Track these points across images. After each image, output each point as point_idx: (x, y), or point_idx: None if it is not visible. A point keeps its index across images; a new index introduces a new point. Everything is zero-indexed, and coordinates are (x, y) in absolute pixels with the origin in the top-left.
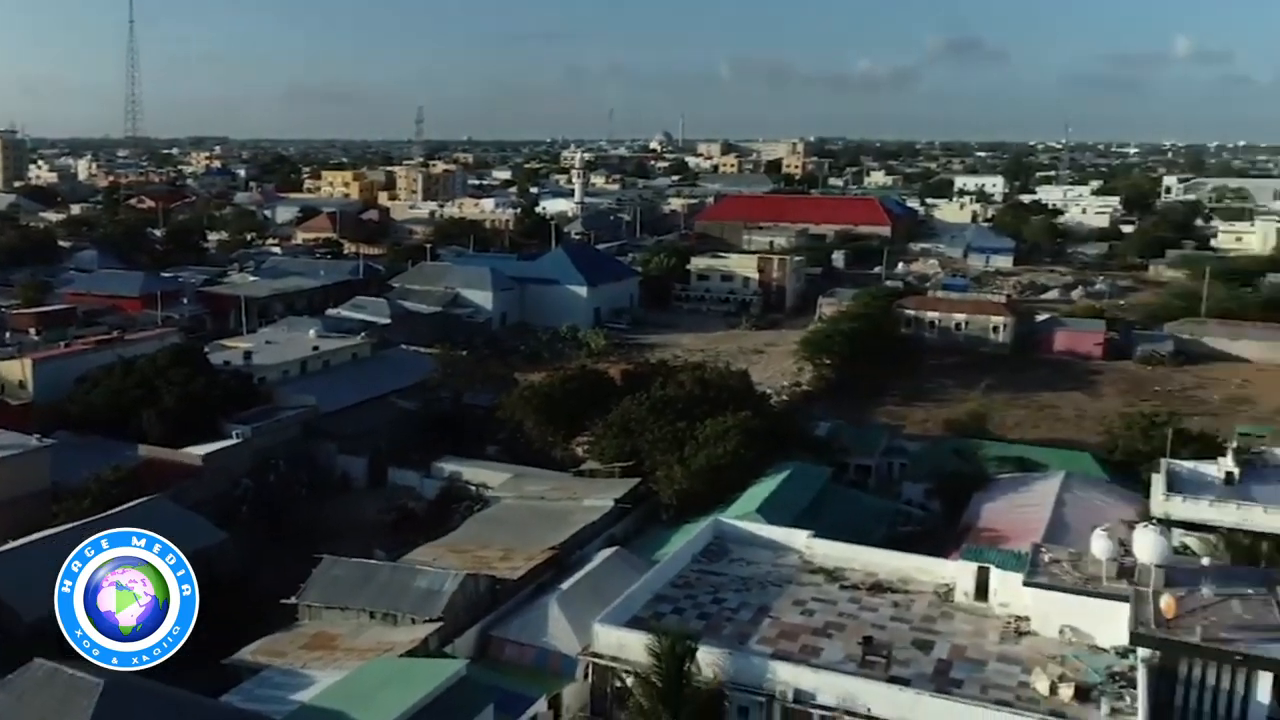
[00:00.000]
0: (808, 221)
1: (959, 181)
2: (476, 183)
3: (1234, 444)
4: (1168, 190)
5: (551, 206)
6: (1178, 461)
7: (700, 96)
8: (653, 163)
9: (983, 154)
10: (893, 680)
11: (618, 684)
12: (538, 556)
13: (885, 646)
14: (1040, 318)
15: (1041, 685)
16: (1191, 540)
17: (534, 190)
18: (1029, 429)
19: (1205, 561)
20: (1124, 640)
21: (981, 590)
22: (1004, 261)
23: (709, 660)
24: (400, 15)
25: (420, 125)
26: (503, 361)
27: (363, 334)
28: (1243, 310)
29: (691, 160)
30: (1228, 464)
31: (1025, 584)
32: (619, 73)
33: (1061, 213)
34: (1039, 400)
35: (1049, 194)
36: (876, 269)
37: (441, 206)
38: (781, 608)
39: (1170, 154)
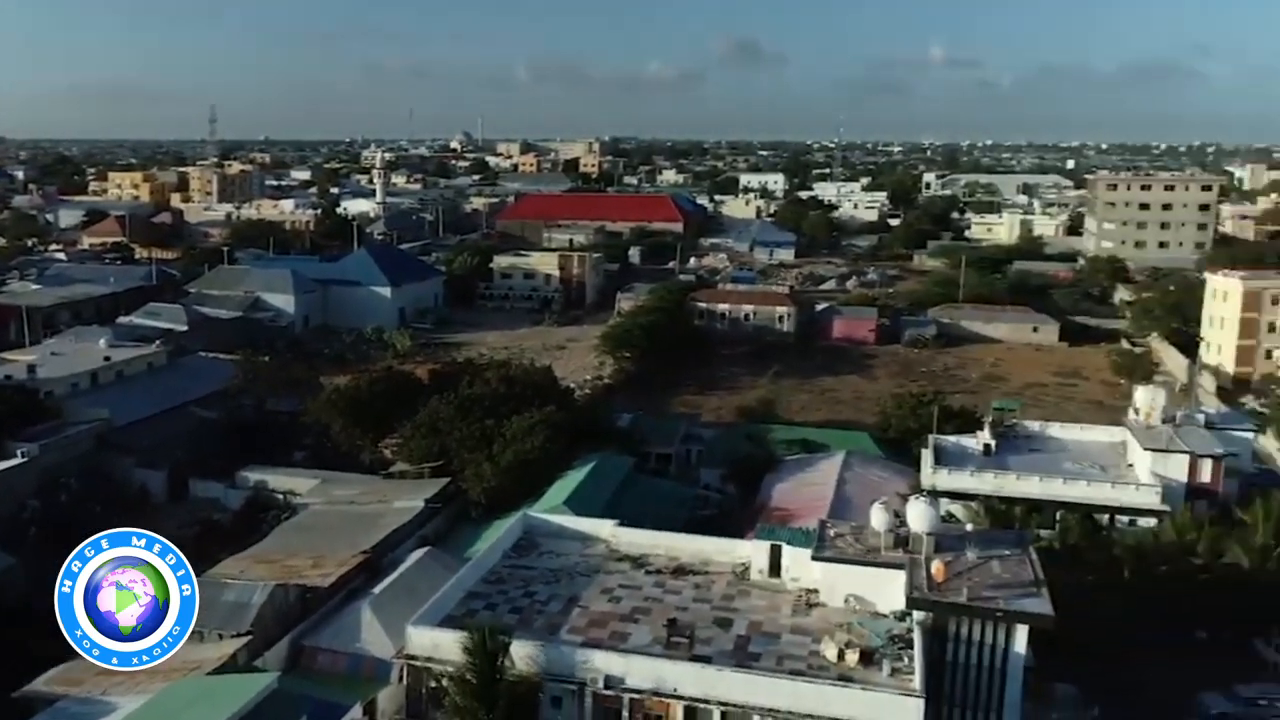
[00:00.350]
0: (605, 219)
1: (744, 179)
2: (275, 183)
3: (990, 418)
4: (927, 186)
5: (353, 207)
6: (943, 436)
7: (499, 97)
8: (453, 162)
9: (765, 153)
10: (696, 659)
11: (433, 685)
12: (349, 562)
13: (688, 627)
14: (820, 307)
15: (830, 652)
16: (957, 508)
17: (334, 191)
18: (813, 412)
19: (969, 527)
20: (902, 605)
21: (775, 567)
22: (786, 254)
23: (522, 653)
24: (186, 8)
25: (214, 125)
26: (307, 365)
27: (158, 342)
28: (994, 295)
29: (492, 160)
30: (985, 437)
31: (814, 559)
32: (419, 72)
33: (836, 208)
34: (821, 384)
35: (825, 190)
36: (671, 264)
37: (239, 208)
38: (590, 597)
39: (929, 152)
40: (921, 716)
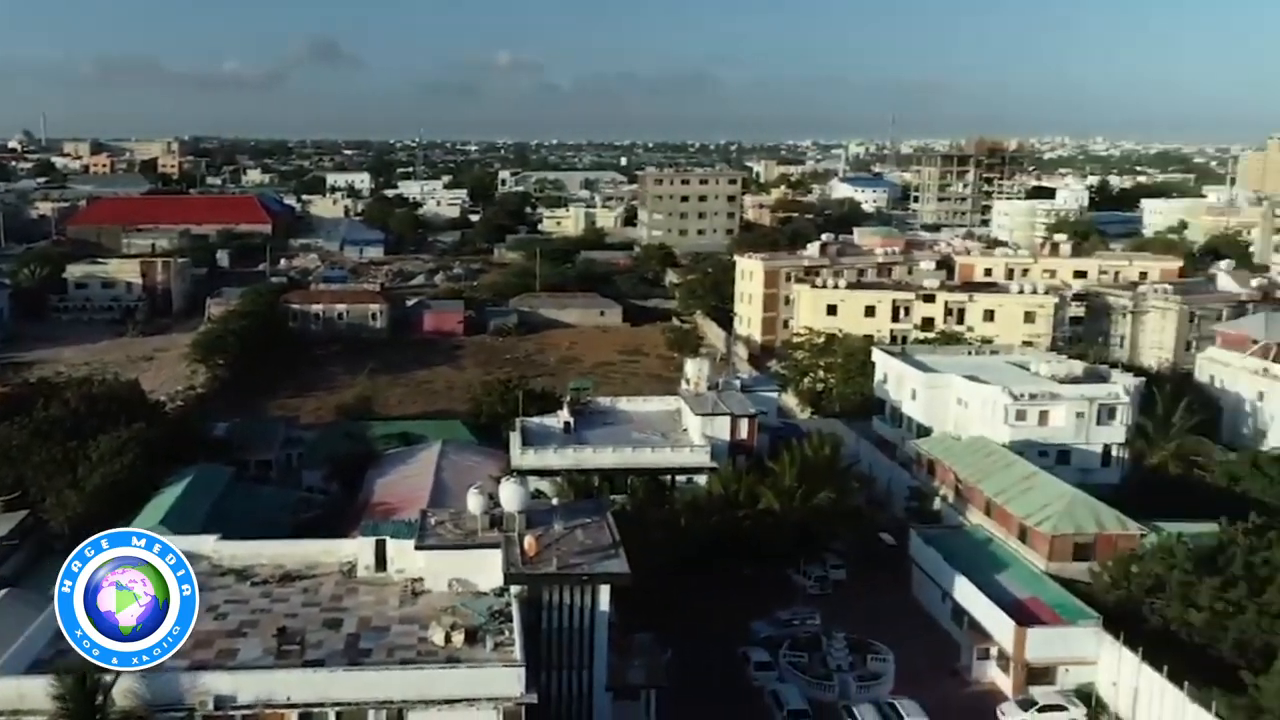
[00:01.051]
0: (189, 222)
1: (331, 179)
2: None
3: (568, 398)
4: (503, 183)
5: None
6: (528, 418)
7: (63, 94)
8: (14, 164)
9: (350, 152)
10: (308, 664)
11: None
12: None
13: (298, 633)
14: (411, 302)
15: (438, 637)
16: (545, 484)
17: None
18: (410, 405)
19: (555, 501)
20: (500, 582)
21: (380, 561)
22: (376, 252)
23: (124, 688)
24: None
25: None
26: None
27: None
28: (566, 283)
29: (59, 161)
30: (565, 415)
31: (417, 548)
32: None
33: (421, 205)
34: (416, 377)
35: (409, 188)
36: (261, 266)
37: None
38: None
39: (503, 151)
40: (523, 684)
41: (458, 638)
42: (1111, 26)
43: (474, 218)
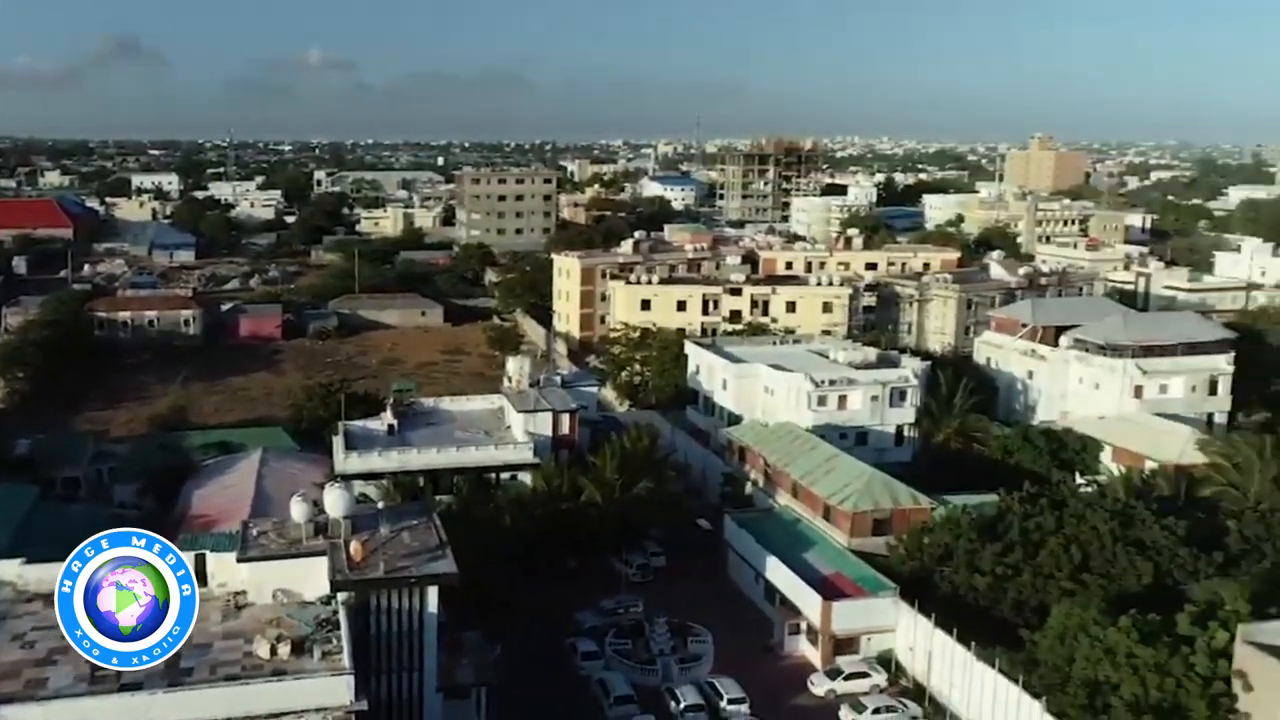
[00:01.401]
0: None
1: (136, 180)
2: None
3: (391, 399)
4: (319, 183)
5: None
6: (351, 422)
7: None
8: None
9: (156, 152)
10: (124, 689)
11: None
12: None
13: None
14: (225, 307)
15: (263, 650)
16: (370, 489)
17: None
18: (227, 413)
19: (381, 505)
20: (326, 589)
21: (201, 576)
22: (187, 256)
23: None
24: None
25: None
26: None
27: None
28: (386, 284)
29: None
30: (388, 418)
31: (239, 560)
32: None
33: (233, 207)
34: (233, 384)
35: (221, 190)
36: (62, 273)
37: None
38: (0, 647)
39: (318, 151)
40: (352, 691)
41: (284, 649)
42: (891, 32)
43: (289, 219)
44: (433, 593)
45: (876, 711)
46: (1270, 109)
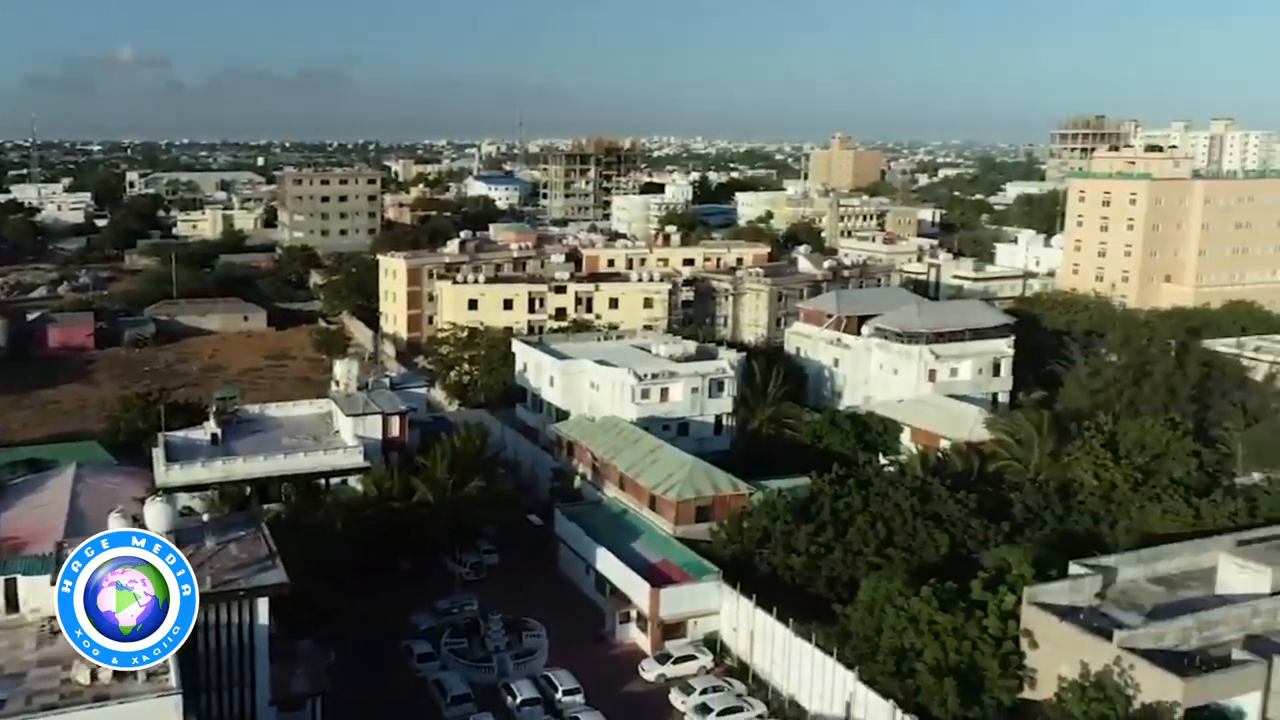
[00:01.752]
0: None
1: None
2: None
3: (214, 408)
4: (131, 185)
5: None
6: (173, 433)
7: None
8: None
9: None
10: None
11: None
12: None
13: None
14: (32, 316)
15: (83, 676)
16: (195, 501)
17: None
18: (36, 428)
19: (206, 517)
20: None
21: (12, 602)
22: None
23: None
24: None
25: None
26: None
27: None
28: (206, 288)
29: None
30: (211, 426)
31: (53, 584)
32: None
33: (38, 210)
34: (42, 398)
35: (24, 192)
36: None
37: None
38: None
39: (130, 151)
40: (180, 711)
41: (105, 674)
42: (699, 35)
43: (100, 222)
44: (263, 604)
45: (704, 692)
46: (1040, 111)
